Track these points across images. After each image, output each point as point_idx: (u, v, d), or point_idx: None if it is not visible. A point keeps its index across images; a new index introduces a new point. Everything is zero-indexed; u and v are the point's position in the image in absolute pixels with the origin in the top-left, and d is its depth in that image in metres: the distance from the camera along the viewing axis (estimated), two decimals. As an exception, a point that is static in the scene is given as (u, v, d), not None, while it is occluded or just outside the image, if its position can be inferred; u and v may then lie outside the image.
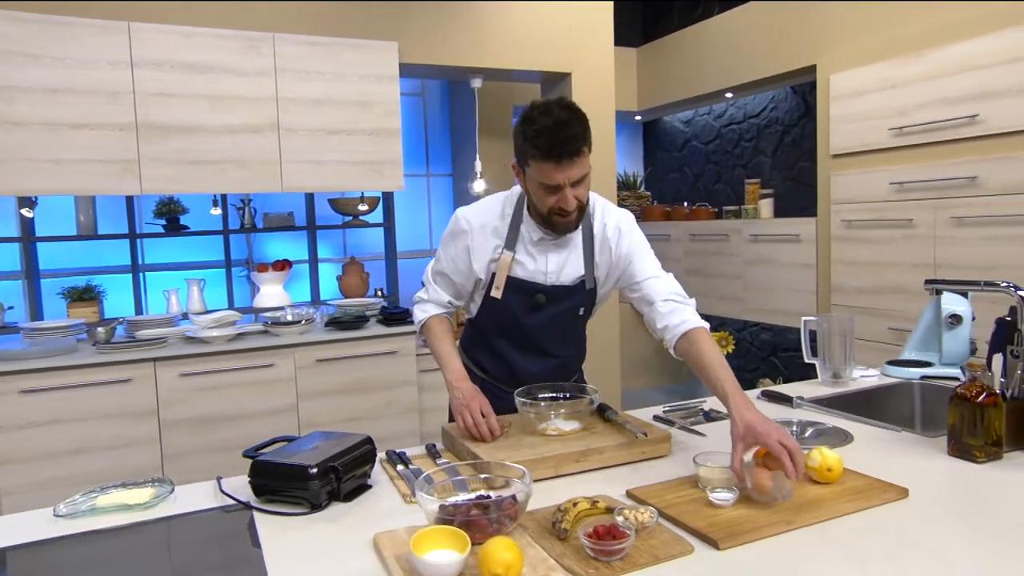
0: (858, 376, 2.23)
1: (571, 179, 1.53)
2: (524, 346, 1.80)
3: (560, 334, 1.81)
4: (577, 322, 1.82)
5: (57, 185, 3.04)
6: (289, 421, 3.33)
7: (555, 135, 1.48)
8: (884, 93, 3.44)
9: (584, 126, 1.52)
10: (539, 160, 1.51)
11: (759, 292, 4.35)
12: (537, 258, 1.71)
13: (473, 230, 1.72)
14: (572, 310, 1.76)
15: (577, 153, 1.50)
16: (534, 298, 1.71)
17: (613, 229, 1.72)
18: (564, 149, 1.48)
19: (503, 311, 1.75)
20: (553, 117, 1.49)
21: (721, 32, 4.63)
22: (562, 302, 1.74)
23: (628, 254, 1.71)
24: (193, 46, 3.20)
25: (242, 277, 4.32)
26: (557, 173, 1.51)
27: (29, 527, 1.31)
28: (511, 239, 1.70)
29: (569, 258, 1.72)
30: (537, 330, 1.77)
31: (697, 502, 1.28)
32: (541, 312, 1.73)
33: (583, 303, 1.76)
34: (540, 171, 1.53)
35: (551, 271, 1.72)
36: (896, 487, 1.32)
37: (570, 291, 1.73)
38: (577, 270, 1.72)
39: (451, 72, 3.97)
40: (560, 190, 1.54)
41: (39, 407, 2.91)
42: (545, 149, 1.49)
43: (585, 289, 1.74)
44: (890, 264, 3.46)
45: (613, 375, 4.31)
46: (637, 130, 6.20)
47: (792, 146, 4.73)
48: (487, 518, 1.13)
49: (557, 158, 1.49)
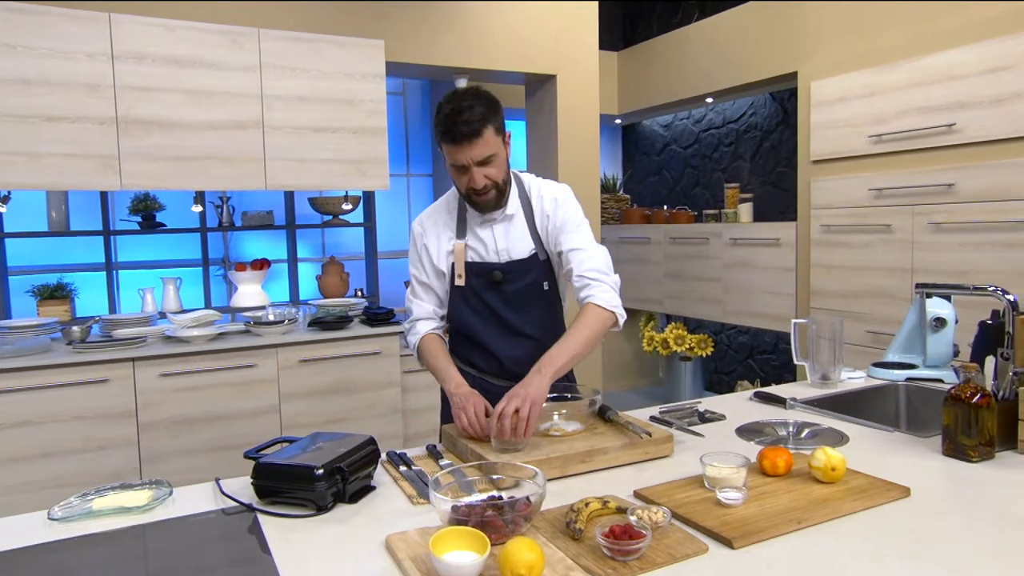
0: (845, 378, 2.26)
1: (474, 159, 1.65)
2: (499, 329, 1.85)
3: (529, 312, 1.85)
4: (545, 299, 1.86)
5: (32, 180, 2.96)
6: (271, 422, 3.28)
7: (453, 119, 1.61)
8: (863, 101, 3.51)
9: (486, 109, 1.63)
10: (444, 143, 1.66)
11: (739, 295, 4.40)
12: (486, 239, 1.82)
13: (426, 231, 1.86)
14: (535, 285, 1.83)
15: (475, 135, 1.62)
16: (491, 275, 1.80)
17: (550, 200, 1.83)
18: (461, 131, 1.61)
19: (469, 297, 1.83)
20: (454, 104, 1.63)
21: (703, 38, 4.69)
22: (522, 277, 1.81)
23: (562, 224, 1.80)
24: (176, 39, 3.14)
25: (218, 276, 4.25)
26: (459, 153, 1.65)
27: (22, 531, 1.26)
28: (460, 229, 1.83)
29: (515, 233, 1.82)
30: (504, 308, 1.83)
31: (706, 501, 1.29)
32: (503, 289, 1.81)
33: (543, 276, 1.84)
34: (448, 153, 1.68)
35: (501, 248, 1.81)
36: (898, 486, 1.34)
37: (526, 264, 1.81)
38: (527, 244, 1.82)
39: (436, 72, 3.96)
40: (467, 170, 1.67)
41: (9, 409, 2.82)
42: (444, 131, 1.64)
43: (539, 261, 1.83)
44: (868, 268, 3.53)
45: (595, 377, 4.33)
46: (616, 133, 6.24)
47: (770, 151, 4.80)
48: (503, 519, 1.13)
49: (455, 140, 1.63)
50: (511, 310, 1.83)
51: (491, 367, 1.89)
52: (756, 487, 1.35)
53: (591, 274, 1.74)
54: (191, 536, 1.26)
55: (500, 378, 1.86)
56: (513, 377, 1.82)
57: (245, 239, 4.34)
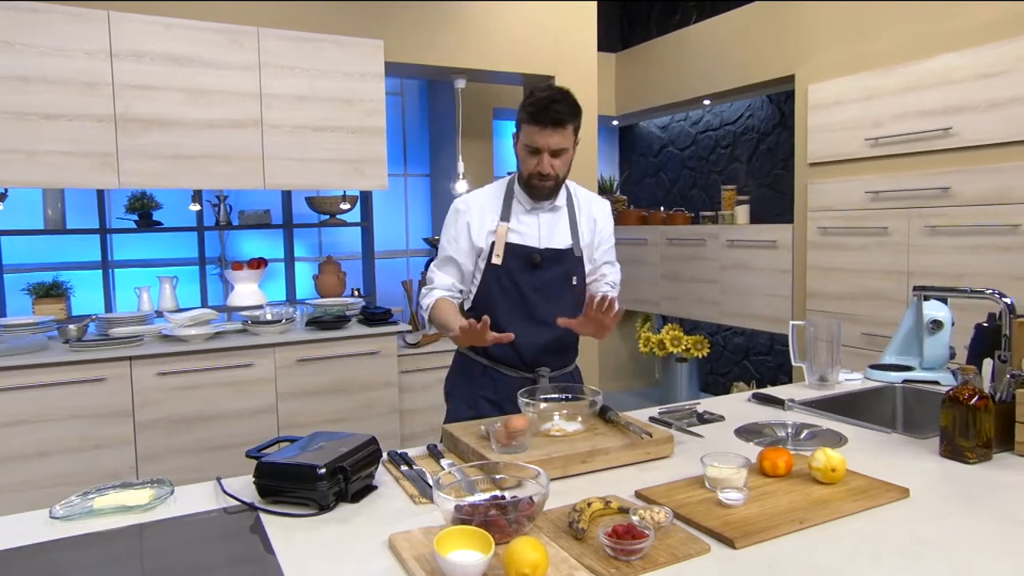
0: (843, 379, 2.27)
1: (550, 146, 1.77)
2: (523, 313, 1.90)
3: (556, 301, 1.92)
4: (571, 292, 1.96)
5: (29, 177, 2.95)
6: (268, 422, 3.27)
7: (548, 103, 1.74)
8: (860, 104, 3.53)
9: (574, 108, 1.78)
10: (528, 123, 1.77)
11: (735, 296, 4.42)
12: (529, 225, 1.92)
13: (471, 209, 1.93)
14: (565, 276, 1.93)
15: (560, 124, 1.75)
16: (530, 258, 1.89)
17: (602, 208, 2.03)
18: (549, 117, 1.74)
19: (503, 276, 1.90)
20: (550, 92, 1.76)
21: (700, 40, 4.71)
22: (556, 265, 1.91)
23: (608, 236, 2.05)
24: (175, 38, 3.13)
25: (215, 275, 4.24)
26: (540, 137, 1.76)
27: (24, 529, 1.26)
28: (506, 212, 1.91)
29: (558, 226, 1.94)
30: (535, 292, 1.91)
31: (707, 502, 1.30)
32: (537, 273, 1.90)
33: (574, 271, 1.95)
34: (527, 134, 1.79)
35: (543, 235, 1.92)
36: (897, 487, 1.35)
37: (561, 255, 1.92)
38: (565, 238, 1.94)
39: (435, 72, 3.96)
40: (539, 155, 1.78)
41: (5, 407, 2.80)
42: (533, 113, 1.75)
43: (574, 256, 1.94)
44: (865, 271, 3.55)
45: (591, 377, 4.33)
46: (613, 135, 6.25)
47: (767, 154, 4.82)
48: (506, 518, 1.13)
49: (542, 123, 1.74)
50: (540, 296, 1.91)
51: (506, 355, 1.92)
52: (757, 487, 1.35)
53: (612, 285, 2.06)
54: (193, 535, 1.26)
55: (513, 368, 1.92)
56: (526, 366, 1.87)
57: (242, 238, 4.33)
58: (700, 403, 2.02)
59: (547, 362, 1.94)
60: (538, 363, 1.92)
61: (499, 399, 1.89)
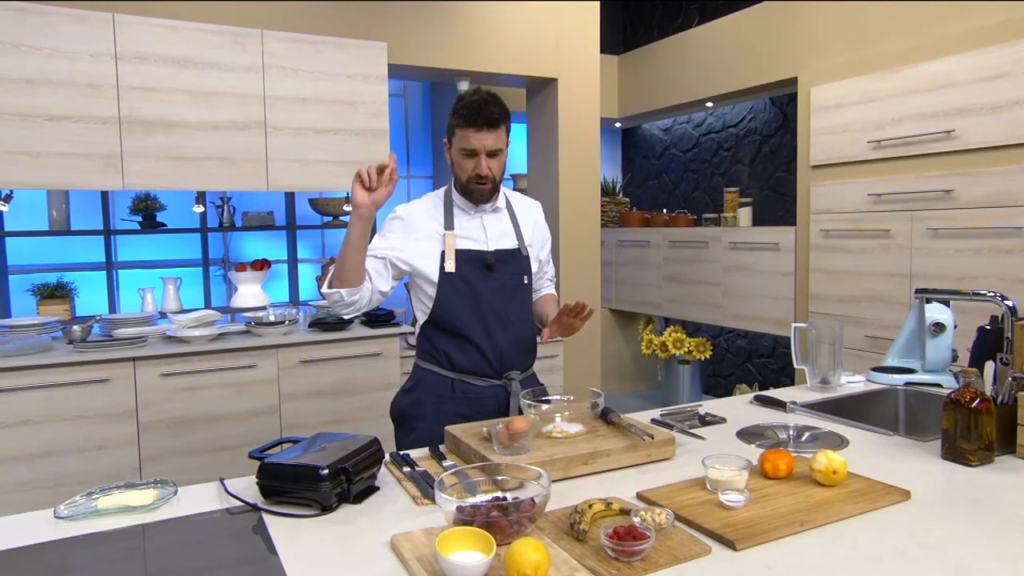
0: (845, 382, 2.28)
1: (487, 147, 1.81)
2: (486, 317, 1.90)
3: (513, 301, 1.95)
4: (524, 291, 1.99)
5: (34, 178, 2.96)
6: (271, 423, 3.28)
7: (478, 106, 1.78)
8: (863, 107, 3.53)
9: (505, 111, 1.82)
10: (463, 127, 1.80)
11: (737, 299, 4.42)
12: (475, 228, 1.93)
13: (412, 213, 1.92)
14: (518, 277, 1.96)
15: (494, 125, 1.79)
16: (484, 261, 1.90)
17: (536, 209, 2.11)
18: (484, 118, 1.78)
19: (459, 283, 1.89)
20: (479, 96, 1.80)
21: (703, 43, 4.71)
22: (508, 266, 1.93)
23: (545, 237, 2.11)
24: (178, 40, 3.15)
25: (218, 276, 4.25)
26: (475, 139, 1.79)
27: (29, 529, 1.27)
28: (448, 221, 1.92)
29: (501, 227, 1.97)
30: (493, 294, 1.91)
31: (708, 503, 1.30)
32: (493, 275, 1.91)
33: (524, 270, 1.98)
34: (463, 137, 1.81)
35: (491, 237, 1.94)
36: (898, 489, 1.35)
37: (511, 255, 1.95)
38: (511, 239, 1.97)
39: (438, 74, 3.97)
40: (476, 156, 1.81)
41: (10, 408, 2.82)
42: (467, 116, 1.78)
43: (522, 255, 1.98)
44: (867, 273, 3.55)
45: (594, 379, 4.34)
46: (616, 137, 6.26)
47: (769, 156, 4.82)
48: (508, 519, 1.13)
49: (478, 125, 1.78)
50: (499, 298, 1.91)
51: (471, 363, 1.91)
52: (758, 489, 1.36)
53: (551, 279, 2.23)
54: (196, 535, 1.26)
55: (479, 376, 1.90)
56: (491, 373, 1.87)
57: (245, 239, 4.34)
58: (702, 405, 2.03)
59: (516, 364, 1.94)
60: (506, 366, 1.92)
61: (471, 413, 1.85)
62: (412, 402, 1.98)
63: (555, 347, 4.01)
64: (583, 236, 4.25)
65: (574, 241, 4.22)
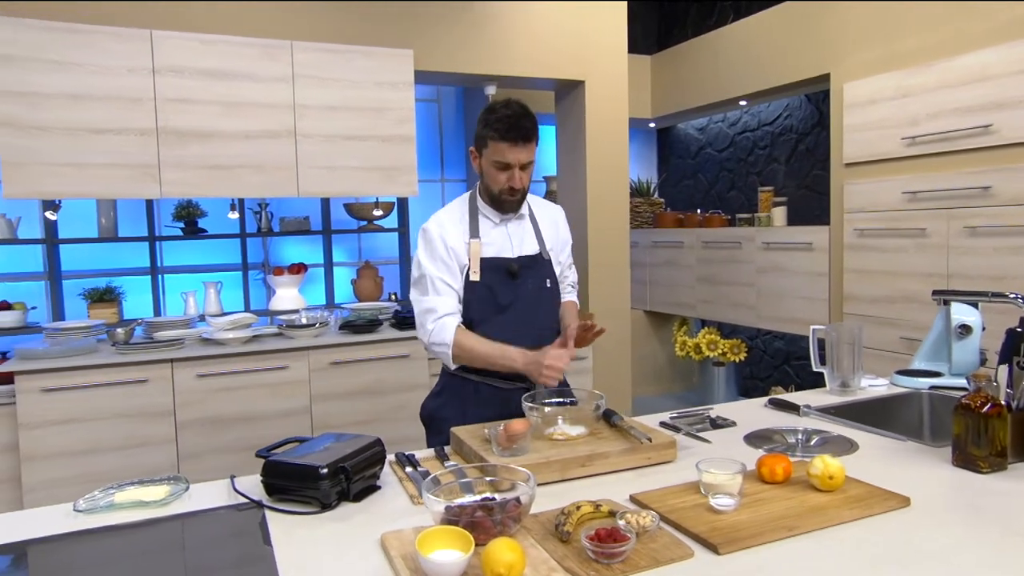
0: (866, 385, 2.23)
1: (520, 161, 1.84)
2: (510, 324, 1.92)
3: (538, 306, 1.98)
4: (548, 295, 2.01)
5: (79, 189, 3.11)
6: (302, 423, 3.37)
7: (514, 121, 1.80)
8: (897, 102, 3.44)
9: (535, 123, 1.85)
10: (497, 141, 1.82)
11: (771, 300, 4.35)
12: (500, 237, 1.96)
13: (446, 229, 1.93)
14: (541, 281, 1.99)
15: (528, 140, 1.83)
16: (508, 268, 1.92)
17: (557, 212, 2.12)
18: (519, 134, 1.80)
19: (484, 291, 1.91)
20: (513, 109, 1.82)
21: (735, 40, 4.65)
22: (531, 271, 1.96)
23: (566, 240, 2.14)
24: (212, 53, 3.27)
25: (258, 280, 4.38)
26: (511, 153, 1.82)
27: (50, 521, 1.35)
28: (474, 229, 1.94)
29: (524, 234, 2.00)
30: (517, 300, 1.93)
31: (699, 507, 1.30)
32: (516, 282, 1.93)
33: (547, 274, 2.01)
34: (497, 150, 1.83)
35: (515, 244, 1.97)
36: (897, 495, 1.33)
37: (534, 260, 1.98)
38: (533, 244, 2.01)
39: (466, 79, 4.02)
40: (510, 169, 1.84)
41: (59, 406, 2.97)
42: (503, 131, 1.80)
43: (544, 260, 2.01)
44: (902, 273, 3.45)
45: (624, 381, 4.32)
46: (651, 137, 6.21)
47: (806, 154, 4.73)
48: (491, 519, 1.16)
49: (513, 140, 1.80)
50: (523, 304, 1.94)
51: None
52: (752, 494, 1.35)
53: (573, 285, 2.22)
54: (199, 530, 1.33)
55: (504, 379, 1.92)
56: (516, 377, 1.89)
57: (285, 244, 4.47)
58: (712, 408, 2.01)
59: None
60: None
61: (497, 416, 1.82)
62: (440, 405, 2.02)
63: (584, 350, 4.02)
64: (612, 238, 4.24)
65: (603, 243, 4.21)
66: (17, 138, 3.01)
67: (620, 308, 4.29)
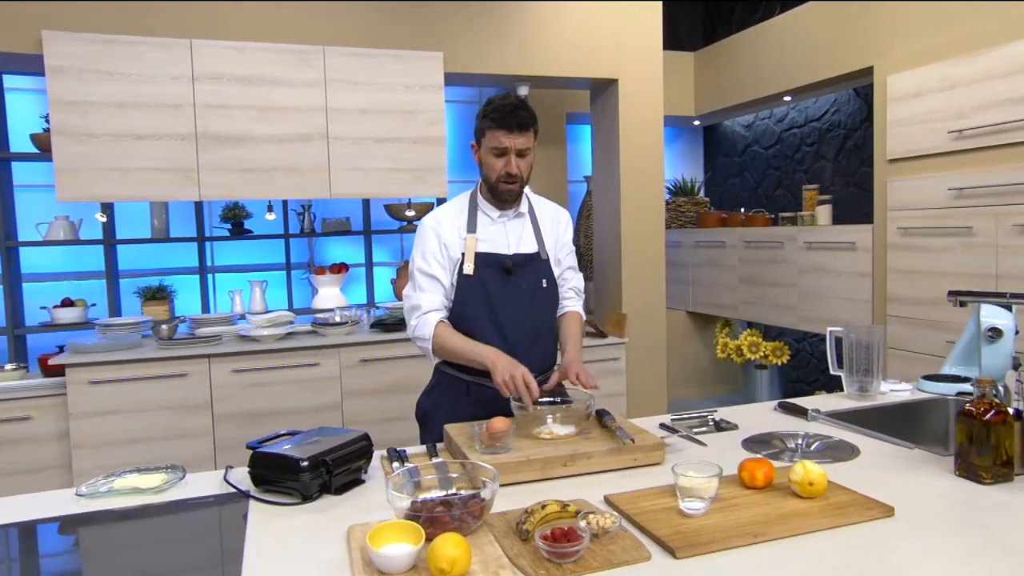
0: (888, 390, 2.14)
1: (517, 146, 1.86)
2: (501, 321, 1.91)
3: (531, 306, 1.95)
4: (545, 295, 1.99)
5: (125, 192, 3.28)
6: (333, 418, 3.46)
7: (510, 110, 1.84)
8: (943, 94, 3.27)
9: (534, 116, 1.89)
10: (494, 129, 1.85)
11: (813, 301, 4.20)
12: (497, 233, 1.97)
13: (442, 225, 1.95)
14: (537, 281, 1.97)
15: (525, 128, 1.85)
16: (502, 265, 1.93)
17: (561, 213, 2.11)
18: (515, 121, 1.84)
19: (477, 286, 1.92)
20: (511, 99, 1.87)
21: (778, 34, 4.52)
22: (526, 270, 1.96)
23: (567, 242, 2.11)
24: (248, 60, 3.39)
25: (304, 279, 4.52)
26: (507, 139, 1.85)
27: (55, 504, 1.44)
28: (472, 224, 1.96)
29: (522, 231, 2.00)
30: (510, 301, 1.92)
31: (669, 510, 1.28)
32: (510, 279, 1.93)
33: (544, 274, 1.99)
34: (493, 137, 1.86)
35: (511, 242, 1.97)
36: (881, 505, 1.28)
37: (530, 259, 1.97)
38: (531, 242, 2.00)
39: (497, 80, 4.03)
40: (507, 155, 1.86)
41: (105, 398, 3.14)
42: (500, 120, 1.84)
43: (541, 259, 2.00)
44: (948, 274, 3.28)
45: (659, 383, 4.26)
46: (697, 135, 6.10)
47: (854, 151, 4.55)
48: (450, 515, 1.17)
49: (509, 128, 1.84)
50: (516, 303, 1.92)
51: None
52: (728, 499, 1.32)
53: (573, 293, 2.14)
54: (185, 517, 1.39)
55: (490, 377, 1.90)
56: None
57: (329, 244, 4.59)
58: (716, 411, 1.97)
59: (532, 368, 1.92)
60: None
61: (486, 415, 1.80)
62: (431, 404, 2.05)
63: (617, 350, 3.98)
64: (647, 238, 4.18)
65: (637, 243, 4.16)
66: (70, 145, 3.19)
67: (654, 309, 4.23)
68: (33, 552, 1.33)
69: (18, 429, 3.12)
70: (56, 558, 1.33)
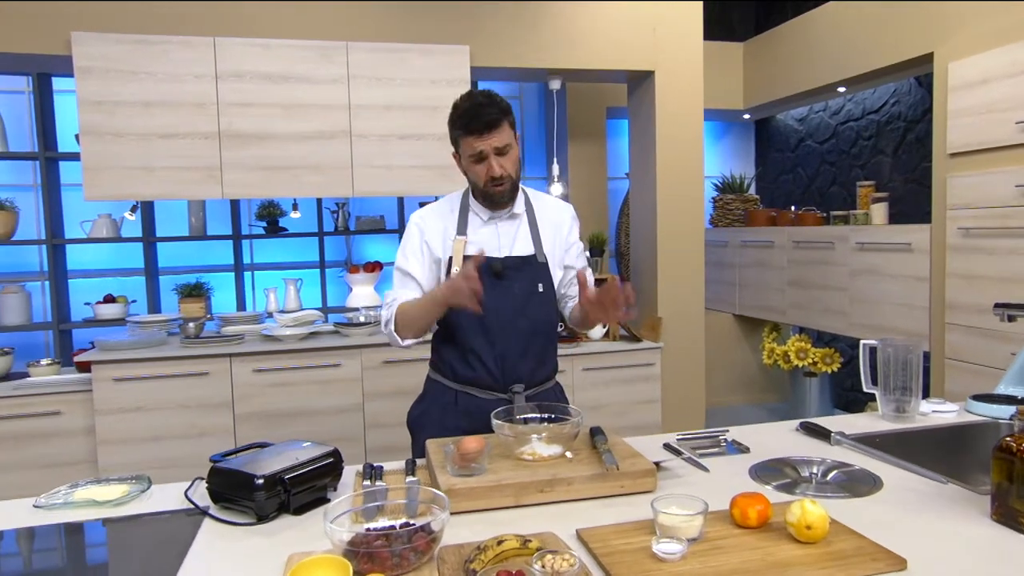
0: (930, 411, 1.92)
1: (492, 146, 1.73)
2: (490, 326, 1.80)
3: (523, 311, 1.82)
4: (539, 300, 1.85)
5: (149, 191, 3.30)
6: (354, 419, 3.41)
7: (474, 112, 1.71)
8: (1011, 81, 2.97)
9: (502, 107, 1.74)
10: (464, 136, 1.74)
11: (865, 306, 3.92)
12: (488, 236, 1.85)
13: (426, 222, 1.87)
14: (530, 284, 1.84)
15: (495, 125, 1.71)
16: (491, 268, 1.79)
17: (563, 212, 1.97)
18: (481, 121, 1.71)
19: None
20: (473, 101, 1.74)
21: (830, 22, 4.23)
22: (519, 273, 1.83)
23: (575, 242, 1.97)
24: (271, 57, 3.36)
25: (340, 278, 4.50)
26: (479, 142, 1.72)
27: (11, 515, 1.39)
28: (462, 226, 1.85)
29: (518, 233, 1.87)
30: (500, 302, 1.79)
31: (642, 551, 1.13)
32: (501, 283, 1.80)
33: (540, 278, 1.86)
34: (468, 145, 1.75)
35: (503, 244, 1.85)
36: (892, 555, 1.10)
37: (524, 262, 1.85)
38: (527, 244, 1.87)
39: (526, 74, 3.90)
40: (486, 159, 1.74)
41: (129, 394, 3.17)
42: (466, 125, 1.72)
43: (537, 262, 1.86)
44: (1014, 279, 2.98)
45: (696, 389, 4.06)
46: (748, 129, 5.82)
47: (915, 144, 4.22)
48: (389, 550, 1.06)
49: (478, 131, 1.71)
50: (507, 308, 1.81)
51: (473, 374, 1.83)
52: (715, 539, 1.17)
53: None
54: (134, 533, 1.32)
55: (485, 389, 1.82)
56: (495, 386, 1.77)
57: (366, 242, 4.56)
58: (728, 431, 1.80)
59: (522, 376, 1.82)
60: (511, 379, 1.80)
61: (473, 427, 1.73)
62: (420, 413, 1.97)
63: (652, 355, 3.80)
64: (685, 236, 3.98)
65: (675, 241, 3.96)
66: (98, 144, 3.23)
67: (692, 312, 4.02)
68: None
69: (49, 424, 3.18)
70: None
